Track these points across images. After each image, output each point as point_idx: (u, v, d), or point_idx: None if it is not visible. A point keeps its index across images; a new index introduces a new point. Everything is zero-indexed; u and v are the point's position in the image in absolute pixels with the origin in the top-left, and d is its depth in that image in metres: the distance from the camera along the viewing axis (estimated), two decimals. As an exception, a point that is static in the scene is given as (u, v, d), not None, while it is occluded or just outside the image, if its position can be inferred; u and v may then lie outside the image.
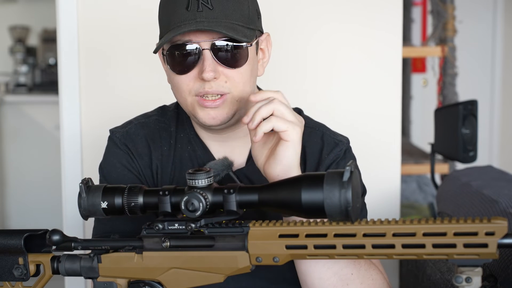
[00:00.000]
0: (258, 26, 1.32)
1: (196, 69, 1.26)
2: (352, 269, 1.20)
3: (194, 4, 1.23)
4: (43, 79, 4.64)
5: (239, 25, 1.25)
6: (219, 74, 1.26)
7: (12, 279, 1.17)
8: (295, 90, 2.07)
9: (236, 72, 1.27)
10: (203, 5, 1.23)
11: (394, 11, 2.08)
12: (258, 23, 1.32)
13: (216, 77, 1.25)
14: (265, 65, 1.38)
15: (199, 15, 1.23)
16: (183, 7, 1.24)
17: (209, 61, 1.25)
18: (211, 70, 1.24)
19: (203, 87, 1.26)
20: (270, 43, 1.38)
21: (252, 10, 1.29)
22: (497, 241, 0.92)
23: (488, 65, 4.42)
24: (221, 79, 1.26)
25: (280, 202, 1.04)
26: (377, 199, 2.04)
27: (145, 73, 2.05)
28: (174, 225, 1.08)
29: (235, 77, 1.27)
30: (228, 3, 1.25)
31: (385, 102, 2.11)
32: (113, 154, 1.41)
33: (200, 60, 1.25)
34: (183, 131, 1.41)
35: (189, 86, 1.28)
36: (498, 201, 1.69)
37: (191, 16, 1.23)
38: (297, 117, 1.19)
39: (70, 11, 2.04)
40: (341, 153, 1.38)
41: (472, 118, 2.23)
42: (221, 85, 1.26)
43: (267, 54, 1.38)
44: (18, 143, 4.49)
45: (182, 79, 1.28)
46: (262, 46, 1.36)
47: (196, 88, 1.27)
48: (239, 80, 1.28)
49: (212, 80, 1.25)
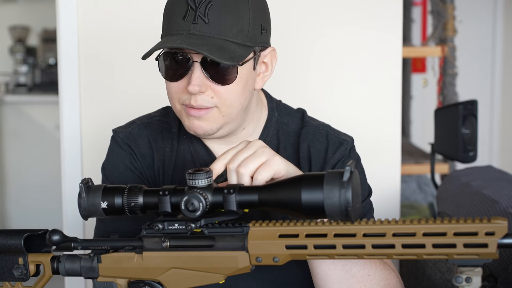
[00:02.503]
0: (260, 41, 1.28)
1: (185, 79, 1.26)
2: (369, 270, 1.20)
3: (191, 15, 1.22)
4: (43, 79, 4.64)
5: (233, 42, 1.23)
6: (206, 88, 1.25)
7: (12, 279, 1.17)
8: (295, 90, 2.07)
9: (225, 88, 1.25)
10: (200, 17, 1.22)
11: (394, 11, 2.08)
12: (260, 38, 1.28)
13: (202, 91, 1.24)
14: (266, 79, 1.35)
15: (193, 27, 1.22)
16: (181, 16, 1.23)
17: (197, 74, 1.24)
18: (197, 84, 1.23)
19: (188, 100, 1.26)
20: (275, 58, 1.35)
21: (254, 25, 1.25)
22: (497, 241, 0.92)
23: (488, 65, 4.42)
24: (207, 93, 1.25)
25: (280, 202, 1.04)
26: (377, 199, 2.04)
27: (145, 73, 2.05)
28: (174, 225, 1.08)
29: (223, 93, 1.26)
30: (226, 18, 1.22)
31: (385, 102, 2.11)
32: (115, 154, 1.41)
33: (190, 71, 1.25)
34: (185, 132, 1.41)
35: (177, 95, 1.28)
36: (498, 201, 1.69)
37: (185, 27, 1.22)
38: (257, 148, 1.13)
39: (70, 11, 2.04)
40: (346, 152, 1.38)
41: (472, 118, 2.23)
42: (207, 100, 1.25)
43: (270, 68, 1.35)
44: (18, 143, 4.49)
45: (172, 86, 1.28)
46: (266, 60, 1.33)
47: (183, 99, 1.27)
48: (227, 96, 1.26)
49: (197, 94, 1.24)
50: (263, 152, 1.12)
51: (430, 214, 2.65)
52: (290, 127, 1.41)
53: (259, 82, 1.34)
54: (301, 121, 1.43)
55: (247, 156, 1.11)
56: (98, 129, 2.05)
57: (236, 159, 1.11)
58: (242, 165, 1.10)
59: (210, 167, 1.11)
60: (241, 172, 1.10)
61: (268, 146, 1.15)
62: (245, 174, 1.10)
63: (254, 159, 1.11)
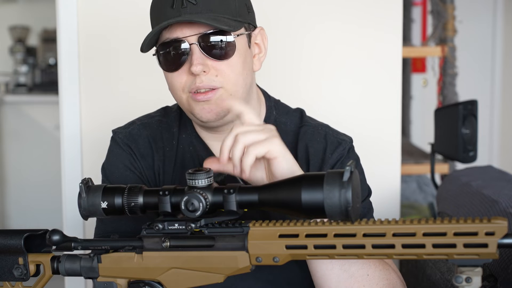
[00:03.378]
0: (248, 19, 1.32)
1: (186, 65, 1.27)
2: (368, 270, 1.20)
3: (178, 2, 1.25)
4: (43, 79, 4.64)
5: (225, 18, 1.26)
6: (208, 68, 1.26)
7: (12, 279, 1.17)
8: (295, 91, 2.07)
9: (226, 64, 1.27)
10: (188, 1, 1.24)
11: (394, 11, 2.08)
12: (248, 16, 1.32)
13: (205, 70, 1.25)
14: (262, 59, 1.37)
15: (183, 11, 1.24)
16: (168, 5, 1.25)
17: (196, 54, 1.25)
18: (199, 63, 1.25)
19: (194, 83, 1.26)
20: (266, 37, 1.38)
21: (239, 4, 1.29)
22: (497, 241, 0.92)
23: (488, 65, 4.42)
24: (211, 73, 1.26)
25: (280, 202, 1.04)
26: (377, 199, 2.04)
27: (145, 73, 2.05)
28: (174, 225, 1.08)
29: (225, 69, 1.27)
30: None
31: (385, 102, 2.11)
32: (115, 155, 1.41)
33: (189, 55, 1.26)
34: (185, 132, 1.41)
35: (181, 84, 1.28)
36: (498, 201, 1.69)
37: (176, 13, 1.24)
38: (265, 127, 1.16)
39: (70, 11, 2.04)
40: (345, 152, 1.38)
41: (472, 118, 2.23)
42: (212, 79, 1.26)
43: (263, 48, 1.37)
44: (18, 143, 4.49)
45: (174, 77, 1.29)
46: (257, 40, 1.36)
47: (188, 84, 1.28)
48: (229, 72, 1.27)
49: (201, 74, 1.25)
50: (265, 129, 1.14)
51: (430, 214, 2.64)
52: (288, 126, 1.41)
53: (256, 63, 1.36)
54: (300, 120, 1.43)
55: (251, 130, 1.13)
56: (98, 129, 2.05)
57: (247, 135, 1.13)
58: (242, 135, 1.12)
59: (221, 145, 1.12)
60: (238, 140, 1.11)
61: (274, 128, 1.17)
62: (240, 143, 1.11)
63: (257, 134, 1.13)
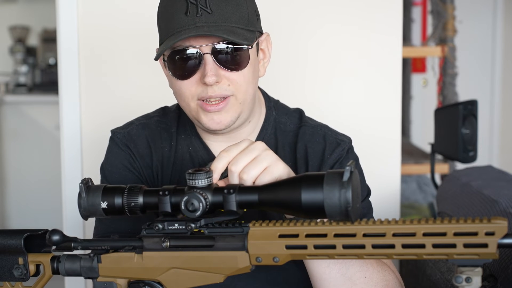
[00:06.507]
0: (258, 27, 1.32)
1: (198, 73, 1.26)
2: (365, 272, 1.19)
3: (193, 9, 1.23)
4: (43, 79, 4.64)
5: (239, 28, 1.25)
6: (221, 78, 1.26)
7: (12, 279, 1.17)
8: (295, 91, 2.07)
9: (238, 74, 1.27)
10: (202, 9, 1.23)
11: (394, 11, 2.08)
12: (257, 24, 1.32)
13: (218, 81, 1.25)
14: (266, 65, 1.38)
15: (199, 20, 1.23)
16: (182, 12, 1.24)
17: (210, 65, 1.24)
18: (213, 75, 1.24)
19: (206, 92, 1.26)
20: (270, 43, 1.38)
21: (251, 12, 1.29)
22: (497, 241, 0.92)
23: (488, 65, 4.42)
24: (223, 82, 1.26)
25: (280, 202, 1.04)
26: (377, 199, 2.04)
27: (145, 73, 2.05)
28: (174, 225, 1.08)
29: (238, 79, 1.27)
30: (227, 7, 1.24)
31: (385, 102, 2.11)
32: (114, 155, 1.41)
33: (202, 64, 1.25)
34: (184, 132, 1.41)
35: (191, 91, 1.28)
36: (498, 201, 1.69)
37: (191, 21, 1.23)
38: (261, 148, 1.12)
39: (70, 11, 2.04)
40: (344, 153, 1.38)
41: (472, 118, 2.23)
42: (224, 89, 1.26)
43: (268, 54, 1.37)
44: (18, 143, 4.49)
45: (184, 84, 1.28)
46: (262, 46, 1.36)
47: (198, 92, 1.27)
48: (241, 82, 1.27)
49: (214, 84, 1.25)
50: (266, 156, 1.11)
51: (430, 214, 2.64)
52: (287, 127, 1.42)
53: (261, 69, 1.36)
54: (299, 120, 1.43)
55: (250, 161, 1.10)
56: (98, 129, 2.05)
57: (238, 162, 1.10)
58: (245, 171, 1.09)
59: (211, 166, 1.10)
60: (244, 178, 1.09)
61: (270, 149, 1.13)
62: (247, 181, 1.09)
63: (257, 164, 1.09)
